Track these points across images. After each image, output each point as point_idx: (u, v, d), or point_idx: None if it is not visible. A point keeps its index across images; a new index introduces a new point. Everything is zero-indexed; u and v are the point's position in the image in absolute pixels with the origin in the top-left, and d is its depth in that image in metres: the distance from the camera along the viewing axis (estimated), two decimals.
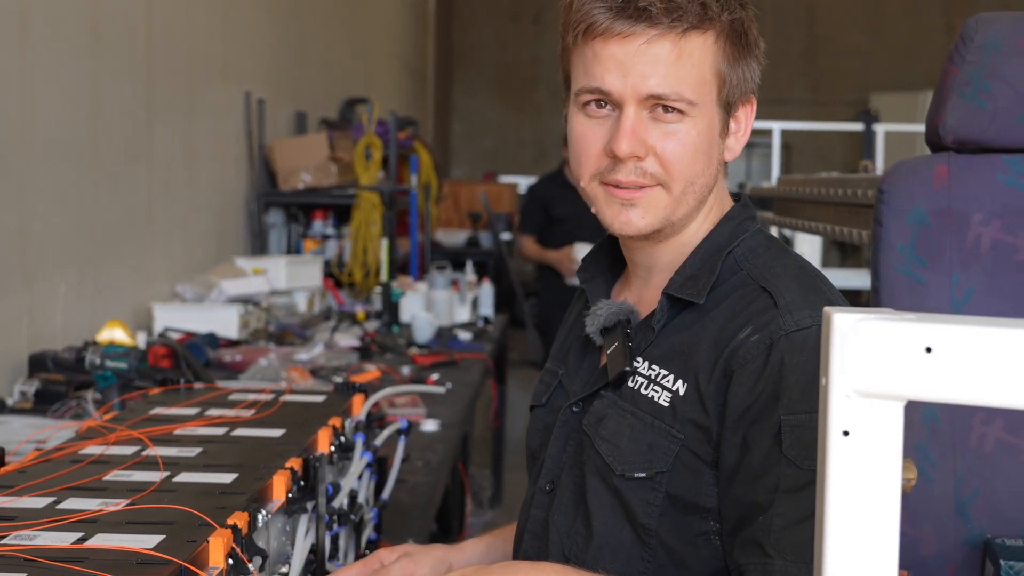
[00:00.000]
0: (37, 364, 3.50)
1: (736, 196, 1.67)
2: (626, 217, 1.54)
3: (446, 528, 3.72)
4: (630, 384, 1.57)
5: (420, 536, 2.58)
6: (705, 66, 1.50)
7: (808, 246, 6.07)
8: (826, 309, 0.93)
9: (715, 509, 1.48)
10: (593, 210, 1.58)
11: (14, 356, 3.53)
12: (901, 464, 0.91)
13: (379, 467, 2.37)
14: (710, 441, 1.48)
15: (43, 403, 3.25)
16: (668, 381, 1.52)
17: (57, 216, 3.84)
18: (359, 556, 2.18)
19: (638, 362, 1.57)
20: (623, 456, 1.52)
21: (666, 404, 1.51)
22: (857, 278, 7.82)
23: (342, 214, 6.34)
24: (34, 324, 3.65)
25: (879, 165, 6.19)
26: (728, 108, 1.56)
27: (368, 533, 2.29)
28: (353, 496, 2.11)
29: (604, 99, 1.51)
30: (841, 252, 11.72)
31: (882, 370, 0.89)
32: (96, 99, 4.13)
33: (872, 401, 0.90)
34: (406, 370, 4.21)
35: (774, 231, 6.42)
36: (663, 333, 1.57)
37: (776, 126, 6.93)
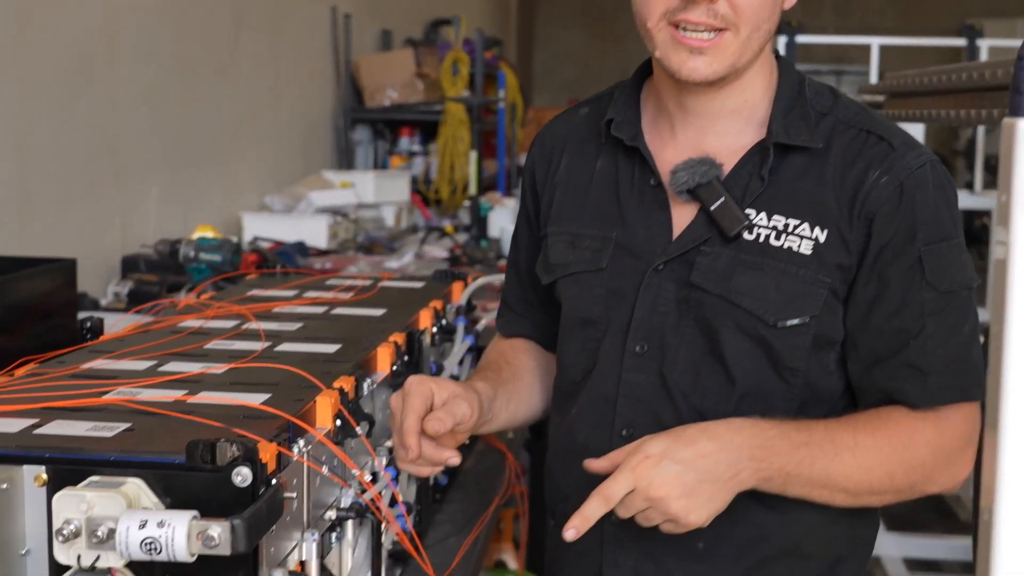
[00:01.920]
0: (130, 266, 3.48)
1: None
2: (693, 64, 1.52)
3: (539, 432, 3.66)
4: (748, 237, 1.55)
5: (520, 432, 2.53)
6: None
7: None
8: (1006, 120, 0.84)
9: (840, 342, 1.55)
10: (656, 55, 1.55)
11: (107, 258, 3.51)
12: None
13: (478, 357, 2.31)
14: (847, 281, 1.53)
15: (136, 303, 3.23)
16: (805, 230, 1.53)
17: (146, 122, 3.81)
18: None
19: (751, 214, 1.55)
20: (773, 307, 1.53)
21: (808, 252, 1.53)
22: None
23: (428, 131, 6.27)
24: (127, 227, 3.63)
25: None
26: None
27: None
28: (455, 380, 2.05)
29: None
30: None
31: None
32: (182, 9, 4.08)
33: None
34: (497, 282, 4.14)
35: None
36: (772, 182, 1.56)
37: (874, 41, 6.70)
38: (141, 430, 1.23)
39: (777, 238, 1.54)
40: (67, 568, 1.10)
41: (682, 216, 1.59)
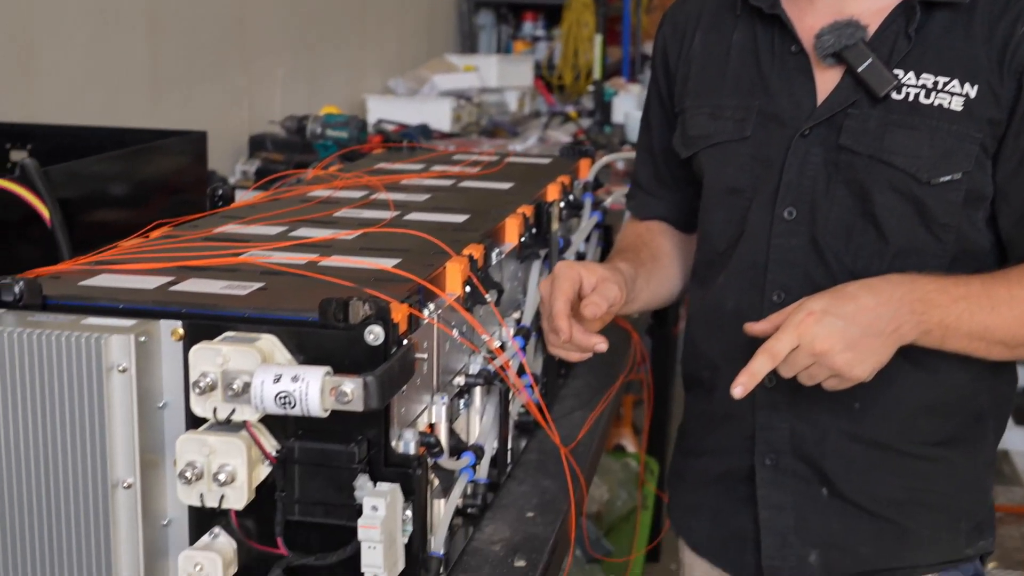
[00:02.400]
0: (257, 144, 3.52)
1: None
2: None
3: (661, 316, 3.64)
4: (896, 97, 1.55)
5: (642, 315, 2.50)
6: None
7: None
8: None
9: (990, 197, 1.55)
10: None
11: (235, 137, 3.55)
12: None
13: (605, 236, 2.29)
14: (997, 136, 1.53)
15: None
16: (955, 87, 1.53)
17: (273, 4, 3.82)
18: None
19: (899, 73, 1.55)
20: (926, 165, 1.53)
21: (959, 109, 1.52)
22: None
23: (552, 15, 6.19)
24: (253, 106, 3.66)
25: None
26: None
27: None
28: (581, 257, 2.04)
29: None
30: None
31: None
32: None
33: None
34: (621, 165, 4.10)
35: None
36: (918, 41, 1.55)
37: None
38: (274, 289, 1.23)
39: (927, 96, 1.53)
40: (203, 421, 1.12)
41: (825, 81, 1.60)
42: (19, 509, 1.12)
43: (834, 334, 1.40)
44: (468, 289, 1.40)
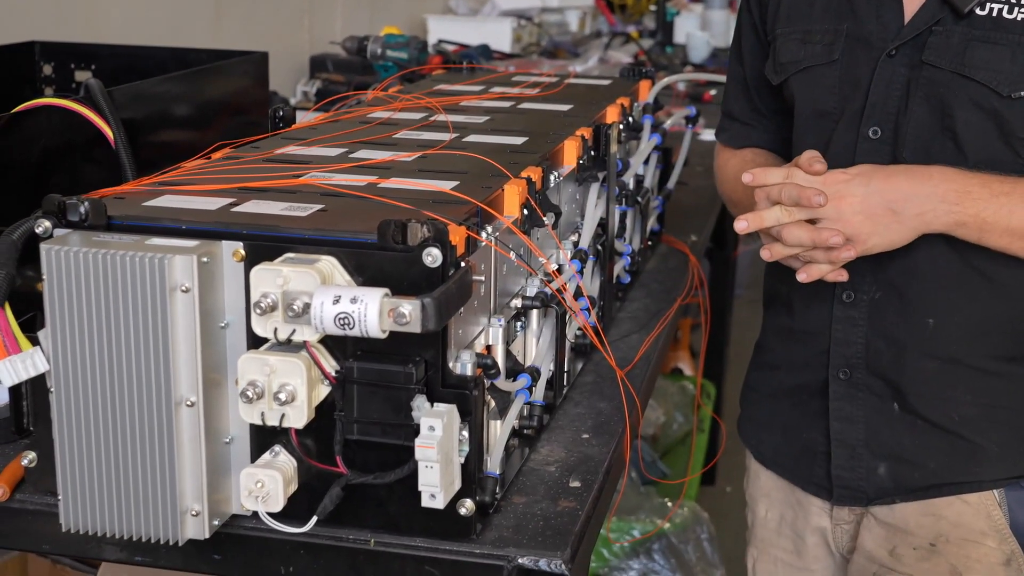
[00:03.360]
0: (318, 65, 3.52)
1: None
2: None
3: (719, 239, 3.63)
4: (980, 13, 1.54)
5: (702, 233, 2.50)
6: None
7: None
8: None
9: None
10: None
11: (296, 58, 3.55)
12: None
13: (664, 158, 2.28)
14: None
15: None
16: None
17: None
18: (644, 242, 2.12)
19: None
20: (1008, 79, 1.53)
21: None
22: None
23: None
24: (314, 27, 3.66)
25: None
26: None
27: (652, 223, 2.22)
28: (639, 180, 2.03)
29: None
30: None
31: None
32: None
33: None
34: (682, 87, 4.06)
35: None
36: None
37: None
38: (334, 211, 1.25)
39: (1010, 11, 1.54)
40: (264, 340, 1.13)
41: (912, 1, 1.60)
42: (88, 426, 1.15)
43: (857, 196, 1.49)
44: (526, 212, 1.40)
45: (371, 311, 1.08)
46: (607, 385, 1.63)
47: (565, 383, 1.59)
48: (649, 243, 2.20)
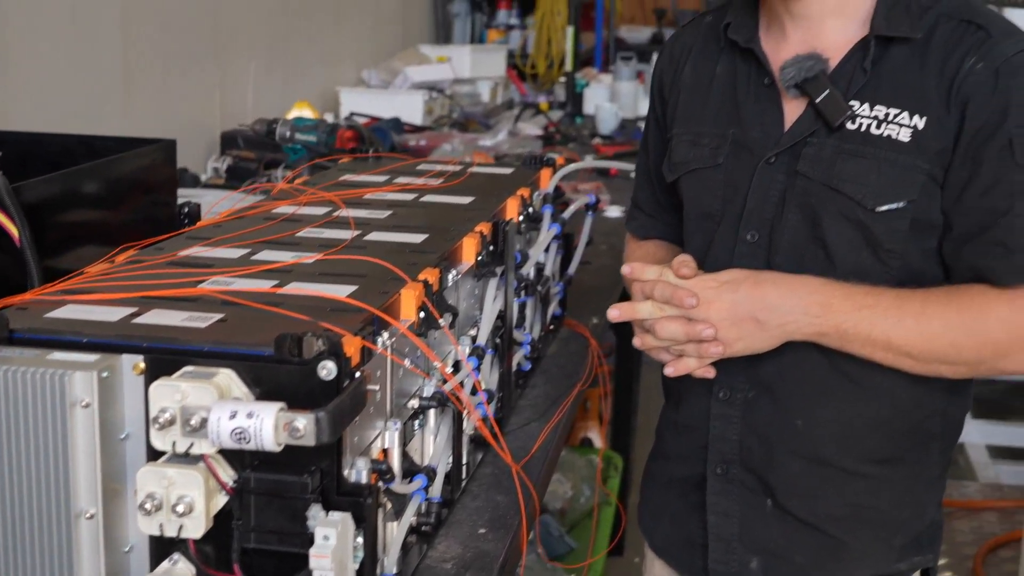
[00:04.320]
0: (229, 142, 3.56)
1: None
2: None
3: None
4: (851, 127, 1.62)
5: (604, 316, 2.56)
6: None
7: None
8: None
9: (941, 226, 1.61)
10: None
11: (207, 133, 3.58)
12: None
13: (565, 244, 2.34)
14: (944, 165, 1.59)
15: (234, 179, 3.30)
16: (904, 118, 1.60)
17: None
18: (544, 329, 2.17)
19: (854, 104, 1.62)
20: (873, 192, 1.60)
21: (907, 140, 1.59)
22: None
23: (526, 4, 6.23)
24: (225, 103, 3.69)
25: None
26: None
27: (553, 308, 2.28)
28: (540, 268, 2.09)
29: None
30: None
31: None
32: None
33: None
34: (589, 159, 4.15)
35: None
36: (874, 74, 1.63)
37: None
38: (234, 321, 1.28)
39: (878, 127, 1.61)
40: (163, 453, 1.17)
41: (793, 111, 1.68)
42: None
43: (724, 302, 1.58)
44: (422, 315, 1.45)
45: (266, 426, 1.11)
46: (505, 477, 1.68)
47: (464, 476, 1.64)
48: (551, 327, 2.25)
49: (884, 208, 1.59)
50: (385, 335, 1.34)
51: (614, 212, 3.36)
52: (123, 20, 3.09)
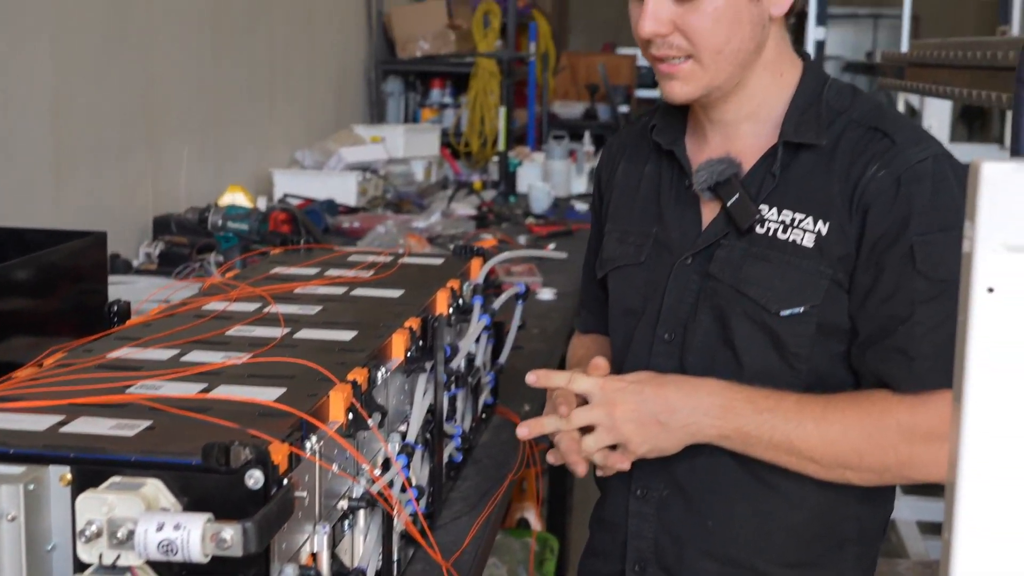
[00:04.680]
0: (161, 227, 3.56)
1: (799, 52, 1.77)
2: (669, 88, 1.68)
3: None
4: (759, 231, 1.66)
5: (536, 403, 2.58)
6: None
7: (936, 119, 5.86)
8: (974, 160, 0.88)
9: (849, 330, 1.63)
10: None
11: (139, 219, 3.59)
12: None
13: (496, 332, 2.37)
14: (848, 271, 1.62)
15: (167, 265, 3.31)
16: (808, 224, 1.63)
17: (179, 80, 3.87)
18: (475, 419, 2.19)
19: (763, 209, 1.66)
20: (777, 296, 1.63)
21: (811, 245, 1.63)
22: (985, 152, 7.57)
23: (460, 83, 6.30)
24: (158, 187, 3.70)
25: (1015, 31, 5.92)
26: None
27: (485, 397, 2.30)
28: (470, 359, 2.11)
29: None
30: (968, 127, 11.36)
31: None
32: None
33: (1021, 256, 0.85)
34: (522, 239, 4.20)
35: (901, 98, 6.18)
36: (783, 179, 1.67)
37: None
38: (161, 429, 1.29)
39: (784, 231, 1.65)
40: (89, 565, 1.17)
41: (710, 213, 1.73)
42: None
43: (629, 404, 1.61)
44: (351, 416, 1.46)
45: (193, 537, 1.12)
46: (437, 573, 1.68)
47: (395, 574, 1.64)
48: (483, 416, 2.27)
49: (787, 312, 1.63)
50: (313, 439, 1.35)
51: (546, 295, 3.40)
52: (54, 109, 3.10)
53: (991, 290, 0.87)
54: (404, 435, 1.71)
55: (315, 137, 5.11)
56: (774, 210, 1.66)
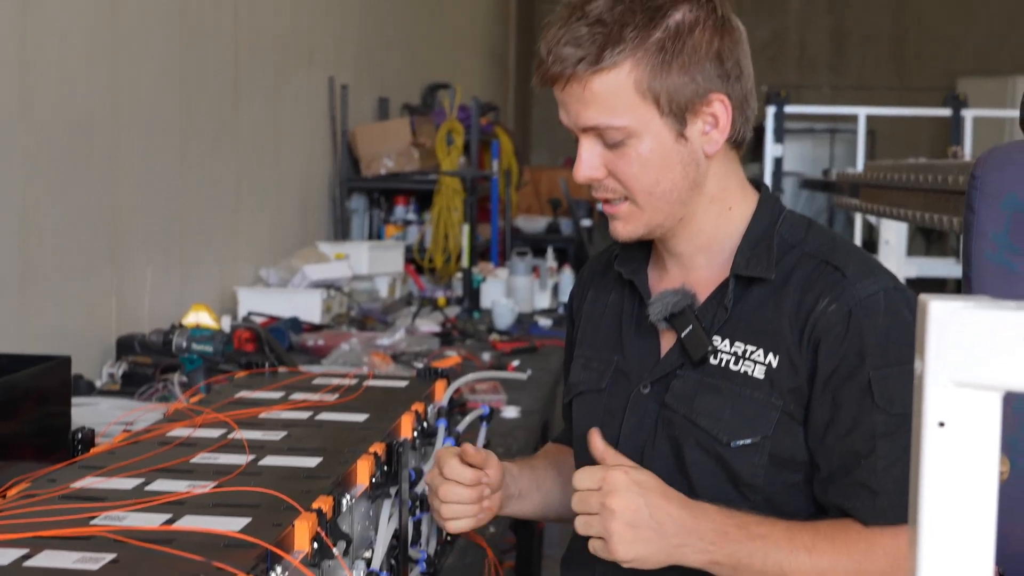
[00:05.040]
0: (125, 347, 3.56)
1: (755, 182, 1.80)
2: (613, 227, 1.73)
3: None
4: (712, 362, 1.68)
5: (501, 523, 2.58)
6: (625, 94, 1.63)
7: (894, 233, 5.97)
8: (922, 297, 0.91)
9: (806, 462, 1.64)
10: None
11: (102, 338, 3.58)
12: (998, 457, 0.89)
13: None
14: (802, 403, 1.63)
15: (130, 385, 3.30)
16: (759, 356, 1.65)
17: (145, 198, 3.90)
18: (441, 542, 2.18)
19: (716, 340, 1.69)
20: (728, 427, 1.65)
21: (762, 377, 1.65)
22: (942, 266, 7.70)
23: (424, 200, 6.37)
24: (122, 306, 3.70)
25: (967, 151, 6.07)
26: (681, 113, 1.66)
27: None
28: None
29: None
30: (926, 240, 11.54)
31: (980, 360, 0.86)
32: (184, 82, 4.18)
33: (969, 391, 0.88)
34: (487, 356, 4.22)
35: (859, 217, 6.30)
36: (735, 311, 1.69)
37: (861, 111, 6.85)
38: (126, 562, 1.29)
39: (736, 363, 1.67)
40: None
41: (668, 343, 1.75)
42: None
43: (629, 501, 1.53)
44: (316, 545, 1.47)
45: None
46: None
47: None
48: (448, 539, 2.27)
49: (739, 443, 1.64)
50: (279, 569, 1.35)
51: (511, 412, 3.40)
52: (21, 229, 3.11)
53: (942, 424, 0.90)
54: (369, 562, 1.71)
55: (280, 254, 5.13)
56: (726, 342, 1.68)
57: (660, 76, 1.63)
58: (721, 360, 1.68)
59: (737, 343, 1.67)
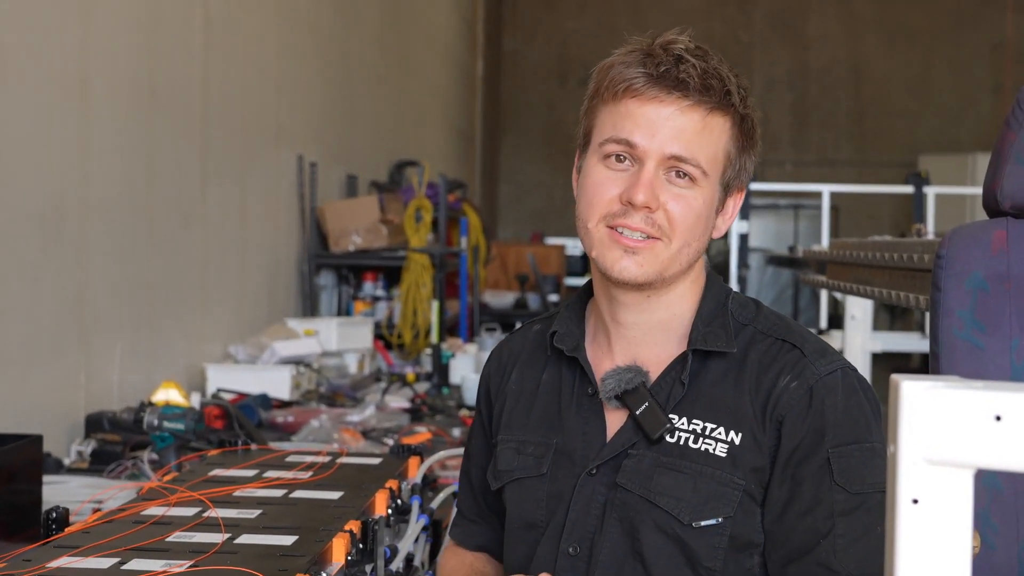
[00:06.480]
0: (94, 424, 3.54)
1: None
2: (625, 263, 1.64)
3: None
4: (670, 440, 1.65)
5: None
6: (720, 144, 1.66)
7: (860, 308, 6.03)
8: (894, 377, 0.93)
9: (761, 544, 1.63)
10: (593, 254, 1.68)
11: (71, 416, 3.57)
12: (971, 533, 0.91)
13: (435, 530, 2.38)
14: (762, 483, 1.62)
15: (99, 463, 3.28)
16: (720, 433, 1.64)
17: (113, 277, 3.90)
18: None
19: (674, 418, 1.66)
20: (689, 507, 1.62)
21: (724, 455, 1.63)
22: (907, 341, 7.77)
23: (392, 276, 6.39)
24: (91, 384, 3.69)
25: (930, 228, 6.16)
26: (727, 189, 1.70)
27: None
28: (410, 559, 2.12)
29: (626, 153, 1.64)
30: (891, 315, 11.64)
31: (951, 438, 0.89)
32: (152, 162, 4.20)
33: (941, 469, 0.90)
34: (457, 432, 4.21)
35: (824, 293, 6.36)
36: (692, 388, 1.67)
37: (825, 188, 6.95)
38: None
39: (695, 441, 1.64)
40: None
41: (615, 422, 1.71)
42: None
43: None
44: None
45: None
46: None
47: None
48: None
49: (701, 524, 1.61)
50: None
51: None
52: None
53: (915, 501, 0.92)
54: None
55: (249, 331, 5.13)
56: (684, 419, 1.65)
57: (738, 148, 1.68)
58: (679, 438, 1.65)
59: (696, 420, 1.65)
